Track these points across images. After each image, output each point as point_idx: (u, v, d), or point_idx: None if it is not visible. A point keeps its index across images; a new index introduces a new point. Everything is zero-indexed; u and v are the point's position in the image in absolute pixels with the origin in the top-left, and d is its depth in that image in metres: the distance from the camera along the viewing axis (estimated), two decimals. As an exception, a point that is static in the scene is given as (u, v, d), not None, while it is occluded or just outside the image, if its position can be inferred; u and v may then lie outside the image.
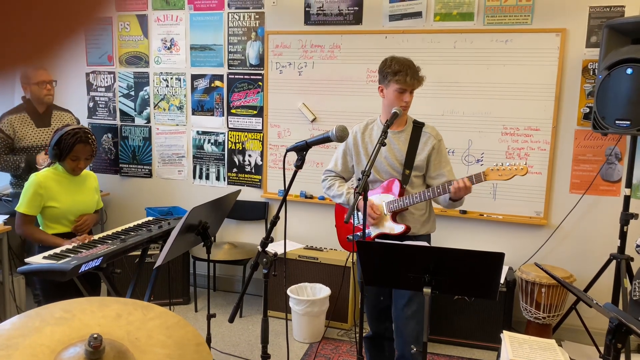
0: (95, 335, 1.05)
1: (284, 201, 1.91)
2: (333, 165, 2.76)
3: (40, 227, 2.64)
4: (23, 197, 2.56)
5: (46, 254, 2.33)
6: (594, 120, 3.16)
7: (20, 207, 2.56)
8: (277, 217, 1.91)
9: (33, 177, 2.58)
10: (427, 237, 2.66)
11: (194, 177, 4.42)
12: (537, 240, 3.65)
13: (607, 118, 3.08)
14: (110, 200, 4.58)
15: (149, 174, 4.53)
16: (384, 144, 2.28)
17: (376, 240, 2.57)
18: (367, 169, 2.11)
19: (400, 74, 2.41)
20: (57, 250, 2.38)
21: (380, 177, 2.60)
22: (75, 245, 2.45)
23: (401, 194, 2.54)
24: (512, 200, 3.66)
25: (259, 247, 1.99)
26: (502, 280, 3.41)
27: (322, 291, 3.65)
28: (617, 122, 3.02)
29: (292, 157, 2.01)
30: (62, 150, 2.56)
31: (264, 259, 1.85)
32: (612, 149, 3.43)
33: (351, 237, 2.56)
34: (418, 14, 3.70)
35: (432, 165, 2.57)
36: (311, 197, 4.11)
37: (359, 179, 2.10)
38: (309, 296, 3.64)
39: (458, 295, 2.95)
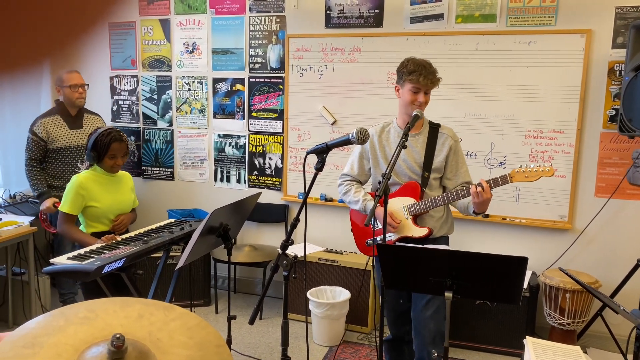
0: (117, 335, 1.06)
1: (304, 204, 1.91)
2: (349, 169, 2.75)
3: (82, 226, 2.78)
4: (66, 197, 2.68)
5: (71, 254, 2.38)
6: (620, 122, 3.09)
7: (64, 206, 2.68)
8: (297, 220, 1.91)
9: (75, 179, 2.69)
10: (445, 239, 2.64)
11: (215, 180, 4.46)
12: (561, 244, 3.59)
13: (634, 120, 3.01)
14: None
15: (171, 177, 4.58)
16: (404, 147, 2.27)
17: (397, 243, 2.56)
18: (387, 172, 2.10)
19: (415, 74, 2.42)
20: (82, 251, 2.42)
21: (399, 180, 2.58)
22: (100, 246, 2.50)
23: (421, 197, 2.52)
24: (535, 204, 3.61)
25: (279, 249, 1.99)
26: (525, 285, 3.36)
27: (342, 294, 3.64)
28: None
29: (312, 159, 2.01)
30: (99, 151, 2.69)
31: (284, 262, 1.85)
32: (639, 152, 3.35)
33: (370, 242, 2.56)
34: (439, 16, 3.67)
35: (449, 167, 2.56)
36: (331, 200, 4.11)
37: (379, 182, 2.09)
38: (328, 299, 3.63)
39: (480, 299, 2.91)
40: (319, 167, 1.93)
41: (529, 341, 2.34)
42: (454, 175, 2.57)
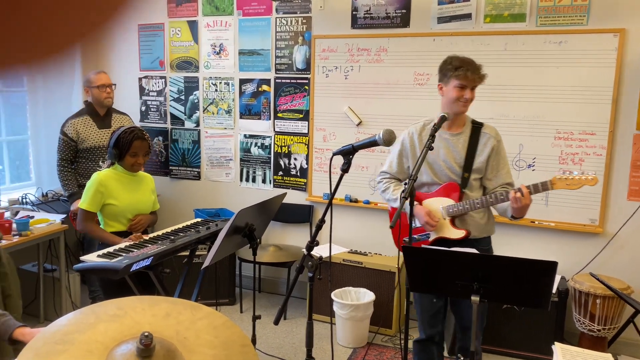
0: (146, 334, 1.08)
1: (330, 205, 1.91)
2: (388, 167, 2.71)
3: (100, 225, 2.77)
4: (85, 194, 2.70)
5: (100, 252, 2.42)
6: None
7: (83, 203, 2.69)
8: (322, 221, 1.91)
9: (95, 176, 2.71)
10: (487, 240, 2.59)
11: (241, 180, 4.49)
12: (591, 249, 3.50)
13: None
14: (160, 201, 4.68)
15: (198, 176, 4.63)
16: (431, 148, 2.25)
17: (431, 244, 2.52)
18: (413, 174, 2.08)
19: (461, 69, 2.39)
20: (111, 249, 2.47)
21: (438, 179, 2.54)
22: (128, 244, 2.54)
23: (460, 198, 2.48)
24: (565, 207, 3.53)
25: (304, 250, 1.99)
26: (554, 290, 3.29)
27: (367, 296, 3.63)
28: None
29: (337, 160, 2.00)
30: (121, 148, 2.70)
31: (309, 262, 1.85)
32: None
33: (407, 239, 2.51)
34: (467, 16, 3.63)
35: (490, 167, 2.51)
36: (356, 201, 4.09)
37: (410, 180, 2.07)
38: (353, 300, 3.62)
39: (508, 304, 2.85)
40: (345, 169, 1.92)
41: (558, 347, 2.29)
42: (495, 176, 2.52)
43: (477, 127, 2.54)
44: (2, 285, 2.83)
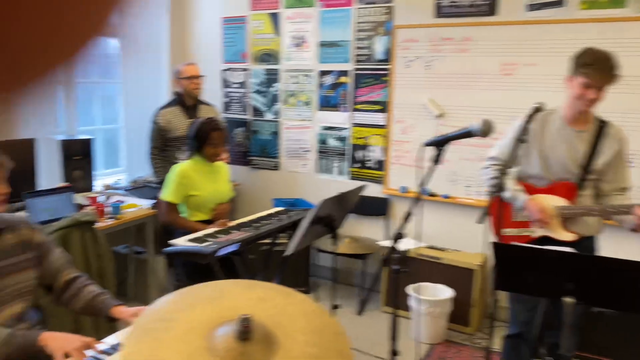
0: (245, 317, 1.10)
1: (418, 197, 1.87)
2: (499, 153, 2.52)
3: (184, 215, 2.88)
4: (167, 186, 2.80)
5: (189, 237, 2.52)
6: None
7: (165, 196, 2.80)
8: (410, 214, 1.88)
9: (176, 168, 2.81)
10: (591, 240, 2.44)
11: (318, 171, 4.52)
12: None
13: None
14: (240, 190, 4.84)
15: (276, 167, 4.72)
16: (522, 141, 2.15)
17: (532, 242, 2.41)
18: (505, 167, 2.00)
19: (589, 68, 2.19)
20: (200, 234, 2.56)
21: (549, 175, 2.39)
22: (215, 230, 2.63)
23: (574, 199, 2.32)
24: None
25: (388, 242, 1.97)
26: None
27: (445, 292, 3.55)
28: None
29: (415, 151, 1.95)
30: (200, 140, 2.78)
31: (395, 255, 1.83)
32: None
33: (508, 231, 2.40)
34: (559, 2, 3.43)
35: (610, 170, 2.32)
36: (434, 195, 4.00)
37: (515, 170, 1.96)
38: (430, 296, 3.55)
39: (610, 309, 2.65)
40: (437, 160, 1.87)
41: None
42: (613, 179, 2.34)
43: (602, 126, 2.34)
44: (99, 265, 3.02)
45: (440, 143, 1.87)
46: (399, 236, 1.80)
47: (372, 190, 4.26)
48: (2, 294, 1.86)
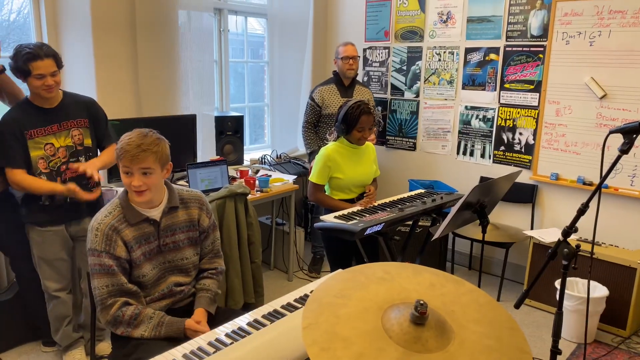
0: (422, 302, 1.10)
1: (598, 189, 1.70)
2: None
3: (327, 194, 2.97)
4: (314, 168, 2.90)
5: (336, 214, 2.59)
6: None
7: (313, 177, 2.90)
8: (586, 206, 1.73)
9: (323, 151, 2.88)
10: None
11: (458, 153, 4.37)
12: None
13: None
14: (376, 170, 4.85)
15: (413, 147, 4.64)
16: None
17: None
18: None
19: None
20: (345, 212, 2.62)
21: None
22: (360, 209, 2.66)
23: None
24: None
25: (534, 232, 1.84)
26: None
27: (598, 290, 3.26)
28: None
29: (570, 135, 1.77)
30: (349, 123, 2.80)
31: (565, 250, 1.70)
32: None
33: None
34: None
35: None
36: (590, 184, 3.67)
37: None
38: (580, 292, 3.29)
39: None
40: (626, 149, 1.68)
41: None
42: None
43: None
44: (249, 233, 3.23)
45: (631, 131, 1.67)
46: (570, 230, 1.67)
47: (520, 176, 4.02)
48: (167, 266, 2.06)
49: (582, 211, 1.71)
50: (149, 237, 2.01)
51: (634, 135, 1.65)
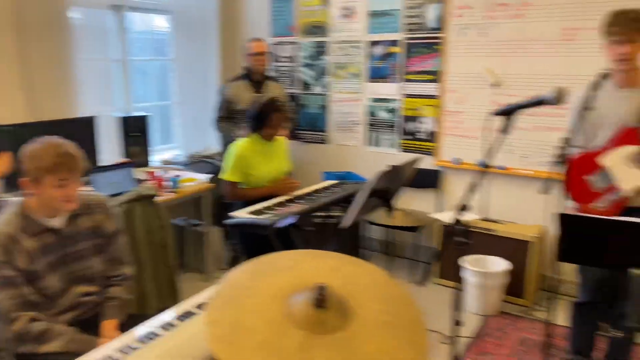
0: (322, 285, 1.13)
1: (483, 170, 1.84)
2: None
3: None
4: (226, 166, 2.88)
5: (248, 209, 2.59)
6: None
7: (226, 175, 2.88)
8: (475, 185, 1.85)
9: (233, 148, 2.87)
10: None
11: (367, 144, 4.50)
12: None
13: None
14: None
15: (325, 140, 4.73)
16: (587, 108, 2.07)
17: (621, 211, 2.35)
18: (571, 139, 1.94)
19: (611, 25, 2.24)
20: (259, 206, 2.62)
21: (606, 133, 2.35)
22: (273, 203, 2.68)
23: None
24: None
25: (440, 215, 1.96)
26: None
27: (500, 265, 3.51)
28: None
29: (469, 121, 1.91)
30: (260, 120, 2.82)
31: (458, 227, 1.82)
32: None
33: (600, 205, 2.33)
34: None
35: None
36: (489, 167, 3.92)
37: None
38: (483, 268, 3.52)
39: None
40: (505, 130, 1.82)
41: None
42: None
43: None
44: (161, 236, 3.14)
45: (509, 112, 1.82)
46: (463, 208, 1.78)
47: (424, 162, 4.21)
48: (73, 276, 1.97)
49: (472, 190, 1.83)
50: (52, 247, 1.91)
51: (512, 117, 1.80)
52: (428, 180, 4.21)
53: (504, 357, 3.03)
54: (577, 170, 2.39)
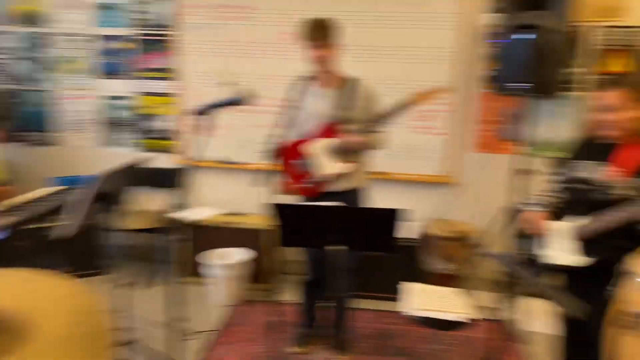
0: (-18, 309, 1.01)
1: (197, 166, 1.88)
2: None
3: None
4: None
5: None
6: (495, 83, 3.32)
7: None
8: (190, 183, 1.89)
9: None
10: (354, 192, 2.76)
11: (104, 145, 4.23)
12: (445, 197, 3.87)
13: (507, 81, 3.23)
14: (13, 171, 4.28)
15: (53, 142, 4.27)
16: (291, 107, 2.32)
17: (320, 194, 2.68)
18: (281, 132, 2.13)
19: (306, 32, 2.56)
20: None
21: (307, 128, 2.69)
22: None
23: (336, 135, 2.64)
24: (418, 160, 3.81)
25: (176, 213, 1.97)
26: (409, 236, 3.60)
27: (241, 255, 3.68)
28: (515, 85, 3.18)
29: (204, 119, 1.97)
30: None
31: (174, 225, 1.83)
32: (511, 110, 3.65)
33: (306, 183, 2.62)
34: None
35: (361, 112, 2.69)
36: (227, 162, 4.06)
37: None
38: (227, 260, 3.65)
39: (362, 250, 3.05)
40: (209, 127, 1.89)
41: (405, 286, 2.55)
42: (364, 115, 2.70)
43: (350, 84, 2.71)
44: None
45: (206, 111, 1.89)
46: (179, 207, 1.80)
47: (165, 161, 4.15)
48: None
49: (186, 189, 1.86)
50: None
51: (211, 115, 1.89)
52: (168, 179, 4.11)
53: (249, 343, 3.19)
54: (287, 156, 2.75)
